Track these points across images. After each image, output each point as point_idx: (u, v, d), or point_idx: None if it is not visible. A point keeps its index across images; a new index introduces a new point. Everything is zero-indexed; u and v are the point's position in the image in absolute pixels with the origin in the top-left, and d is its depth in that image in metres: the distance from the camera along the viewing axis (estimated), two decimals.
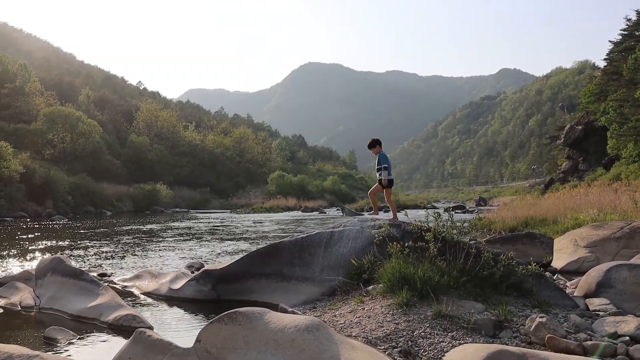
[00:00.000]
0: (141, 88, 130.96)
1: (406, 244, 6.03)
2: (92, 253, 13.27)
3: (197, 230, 22.79)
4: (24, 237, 18.49)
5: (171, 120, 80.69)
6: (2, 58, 64.31)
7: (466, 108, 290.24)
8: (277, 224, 27.49)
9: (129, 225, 25.65)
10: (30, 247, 14.57)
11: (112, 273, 9.91)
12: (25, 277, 8.23)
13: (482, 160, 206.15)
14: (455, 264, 5.70)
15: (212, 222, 30.04)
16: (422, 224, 6.59)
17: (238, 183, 73.96)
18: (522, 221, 16.49)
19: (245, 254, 7.91)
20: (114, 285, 8.46)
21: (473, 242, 6.56)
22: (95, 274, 8.67)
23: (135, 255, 12.82)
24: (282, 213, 46.24)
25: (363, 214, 36.76)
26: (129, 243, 16.10)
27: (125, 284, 8.85)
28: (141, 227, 24.79)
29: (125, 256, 12.68)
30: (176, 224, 27.96)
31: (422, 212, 9.78)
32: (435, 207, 46.49)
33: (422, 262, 5.68)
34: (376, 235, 6.59)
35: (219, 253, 13.42)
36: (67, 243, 16.17)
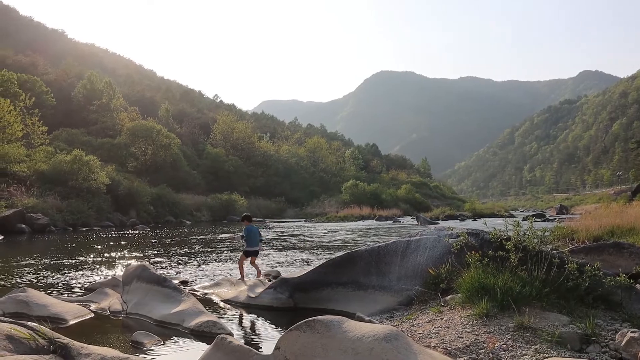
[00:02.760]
0: (217, 101, 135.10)
1: (485, 253, 5.89)
2: (173, 261, 13.73)
3: (272, 239, 23.12)
4: (110, 245, 19.39)
5: (246, 131, 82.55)
6: (90, 77, 68.11)
7: (545, 113, 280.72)
8: (352, 233, 27.47)
9: (207, 235, 26.36)
10: (116, 255, 15.27)
11: (192, 280, 10.21)
12: (113, 284, 8.64)
13: (562, 166, 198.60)
14: (537, 274, 5.51)
15: (287, 231, 30.40)
16: (502, 233, 6.42)
17: (312, 192, 74.55)
18: (607, 230, 15.65)
19: (321, 262, 7.95)
20: (195, 292, 8.71)
21: (555, 251, 6.32)
22: (177, 282, 8.97)
23: (214, 263, 13.15)
24: (356, 222, 46.15)
25: (438, 223, 36.13)
26: (207, 251, 16.55)
27: (205, 291, 9.10)
28: (219, 236, 25.41)
29: (204, 264, 13.04)
30: None
31: (499, 220, 9.49)
32: (513, 216, 45.05)
33: (502, 272, 5.53)
34: (454, 244, 6.47)
35: (295, 261, 13.55)
36: (150, 251, 16.82)
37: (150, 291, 7.35)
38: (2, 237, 22.99)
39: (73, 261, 13.63)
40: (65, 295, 8.56)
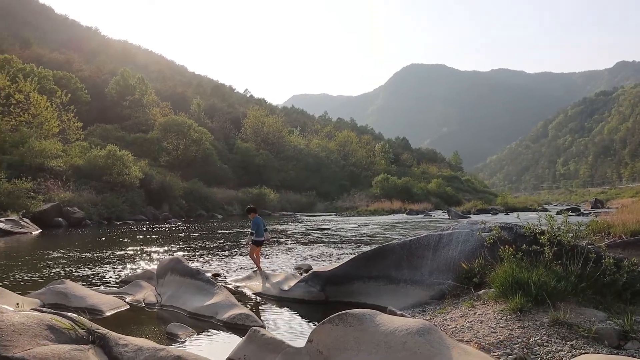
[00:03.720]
0: (248, 95, 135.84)
1: (519, 248, 5.82)
2: (205, 254, 13.89)
3: (303, 232, 23.20)
4: (144, 238, 19.71)
5: (277, 125, 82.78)
6: (123, 73, 69.15)
7: (579, 105, 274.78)
8: (382, 227, 27.40)
9: (238, 228, 26.58)
10: (150, 248, 15.52)
11: (224, 273, 10.33)
12: (147, 276, 8.80)
13: (597, 160, 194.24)
14: (572, 269, 5.42)
15: (317, 224, 30.48)
16: (536, 227, 6.33)
17: (343, 186, 74.46)
18: None
19: (353, 256, 7.95)
20: (227, 285, 8.80)
21: (591, 246, 6.20)
22: (209, 274, 9.08)
23: (245, 256, 13.25)
24: (387, 216, 46.00)
25: (470, 217, 35.77)
26: (238, 245, 16.69)
27: (237, 284, 9.19)
28: (249, 229, 25.57)
29: (235, 257, 13.18)
30: (283, 226, 28.62)
31: (532, 214, 9.33)
32: (546, 210, 44.27)
33: (536, 267, 5.45)
34: (487, 238, 6.40)
35: (326, 255, 13.59)
36: (182, 244, 17.05)
37: (183, 284, 7.47)
38: (40, 230, 23.57)
39: (108, 254, 13.91)
40: (101, 287, 8.74)
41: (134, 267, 11.35)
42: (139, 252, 14.38)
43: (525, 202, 64.39)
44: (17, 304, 5.96)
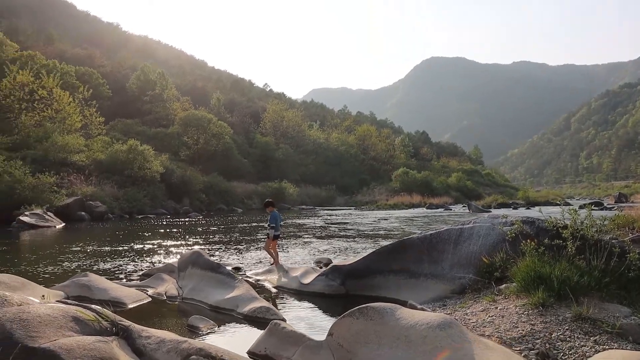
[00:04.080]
0: (267, 90, 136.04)
1: (541, 242, 5.76)
2: (225, 248, 13.98)
3: (322, 226, 23.23)
4: (165, 232, 19.90)
5: (296, 119, 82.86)
6: (144, 68, 69.75)
7: (603, 97, 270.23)
8: (402, 221, 27.32)
9: (258, 222, 26.69)
10: (171, 242, 15.66)
11: (245, 267, 10.39)
12: (169, 270, 8.88)
13: (621, 153, 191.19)
14: (596, 264, 5.35)
15: (337, 218, 30.48)
16: (558, 221, 6.26)
17: (362, 180, 74.34)
18: None
19: (373, 250, 7.95)
20: (247, 279, 8.86)
21: (615, 241, 6.11)
22: (230, 268, 9.14)
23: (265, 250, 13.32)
24: (407, 210, 45.83)
25: (490, 211, 35.46)
26: (258, 239, 16.76)
27: (257, 277, 9.25)
28: (268, 223, 25.62)
29: (255, 251, 13.23)
30: (303, 220, 28.68)
31: (553, 209, 9.22)
32: (569, 204, 43.70)
33: (559, 261, 5.40)
34: (508, 232, 6.35)
35: (346, 249, 13.60)
36: (203, 238, 17.17)
37: (204, 277, 7.53)
38: (64, 224, 23.92)
39: (130, 247, 14.07)
40: (124, 280, 8.85)
41: (155, 260, 11.47)
42: (160, 246, 14.53)
43: (547, 196, 63.53)
44: (43, 296, 6.06)
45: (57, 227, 22.73)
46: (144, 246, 14.41)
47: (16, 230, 20.43)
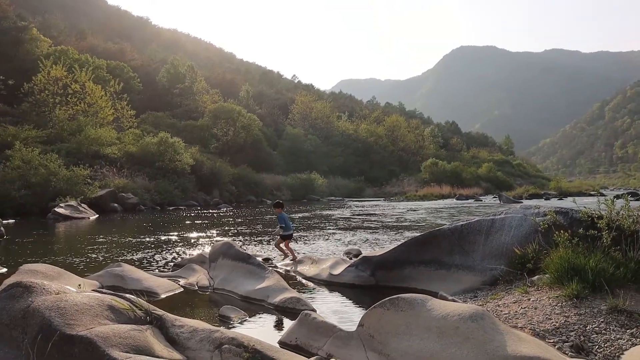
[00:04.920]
0: (296, 81, 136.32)
1: (575, 233, 5.66)
2: (255, 239, 14.09)
3: (352, 217, 23.22)
4: (196, 223, 20.13)
5: (325, 111, 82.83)
6: (173, 61, 70.44)
7: (639, 85, 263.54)
8: (432, 212, 27.14)
9: (287, 214, 26.78)
10: (202, 233, 15.84)
11: (274, 258, 10.45)
12: (200, 260, 8.98)
13: None
14: (632, 255, 5.24)
15: (366, 210, 30.44)
16: (593, 211, 6.14)
17: (391, 171, 74.08)
18: None
19: (403, 241, 7.91)
20: (277, 270, 8.91)
21: None
22: (260, 259, 9.20)
23: (294, 241, 13.38)
24: (436, 201, 45.52)
25: (522, 202, 34.97)
26: None
27: (287, 268, 9.29)
28: (299, 214, 25.77)
29: None
30: (332, 211, 28.71)
31: (587, 199, 9.02)
32: (602, 194, 42.75)
33: (593, 252, 5.30)
34: (541, 223, 6.26)
35: (375, 240, 13.57)
36: (233, 229, 17.33)
37: (235, 268, 7.59)
38: (97, 215, 24.38)
39: (161, 238, 14.27)
40: (156, 270, 8.99)
41: (186, 251, 11.62)
42: (190, 237, 14.70)
43: (580, 186, 62.45)
44: (79, 285, 6.19)
45: (91, 218, 23.18)
46: (175, 237, 14.60)
47: (52, 222, 20.89)
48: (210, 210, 30.09)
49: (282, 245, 10.46)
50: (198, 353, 3.74)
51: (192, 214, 26.33)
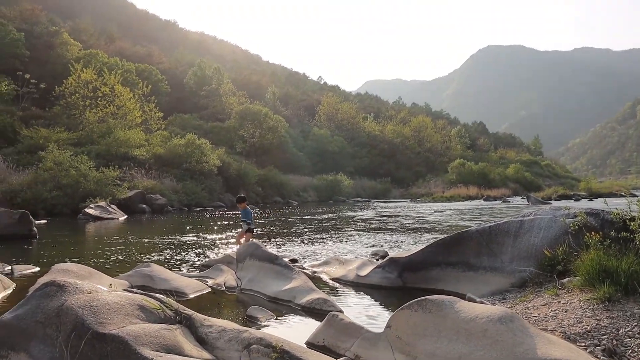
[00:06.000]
0: (321, 83, 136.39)
1: (606, 234, 5.56)
2: (282, 240, 14.13)
3: (378, 219, 23.15)
4: (223, 224, 20.30)
5: (351, 112, 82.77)
6: (200, 64, 71.12)
7: None
8: (459, 213, 26.91)
9: (314, 215, 26.83)
10: (229, 234, 15.94)
11: (301, 259, 10.48)
12: (227, 261, 9.06)
13: None
14: None
15: (392, 211, 30.31)
16: (625, 213, 6.02)
17: (418, 172, 73.65)
18: None
19: (430, 242, 7.87)
20: (304, 270, 8.93)
21: None
22: (287, 260, 9.24)
23: (321, 242, 13.38)
24: (463, 202, 45.13)
25: (551, 203, 34.46)
26: (314, 231, 16.87)
27: (314, 269, 9.30)
28: (325, 215, 25.80)
29: (311, 243, 13.31)
30: (358, 213, 28.66)
31: (618, 200, 8.83)
32: (635, 196, 41.88)
33: (626, 254, 5.20)
34: (571, 224, 6.16)
35: (402, 241, 13.51)
36: (259, 231, 17.41)
37: (262, 268, 7.62)
38: (126, 216, 24.75)
39: (189, 239, 14.42)
40: (184, 270, 9.09)
41: (214, 251, 11.72)
42: (218, 238, 14.82)
43: (610, 187, 61.18)
44: (110, 284, 6.29)
45: (120, 219, 23.53)
46: (203, 238, 14.73)
47: (82, 222, 21.28)
48: (237, 212, 30.21)
49: (242, 239, 10.51)
50: (227, 353, 3.78)
51: (219, 215, 26.53)
